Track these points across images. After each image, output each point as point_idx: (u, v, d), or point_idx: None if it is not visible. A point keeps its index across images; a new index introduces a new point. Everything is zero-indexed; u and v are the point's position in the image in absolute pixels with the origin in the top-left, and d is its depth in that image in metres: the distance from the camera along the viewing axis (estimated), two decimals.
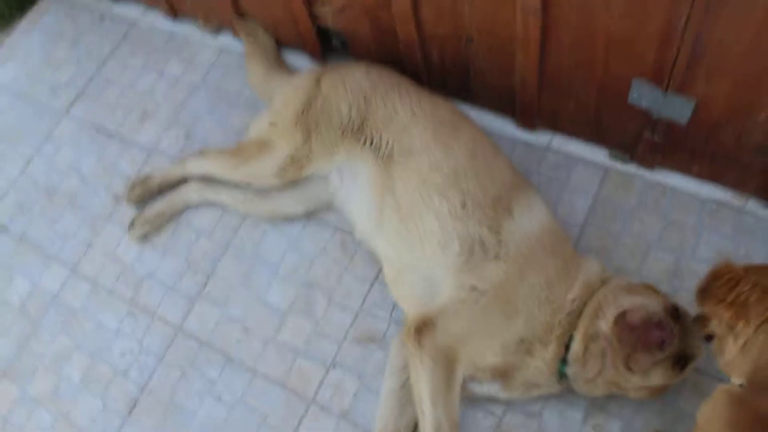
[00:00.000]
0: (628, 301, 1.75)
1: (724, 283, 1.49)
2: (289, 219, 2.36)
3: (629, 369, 1.70)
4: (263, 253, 2.35)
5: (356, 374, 2.09)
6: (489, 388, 1.91)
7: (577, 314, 1.81)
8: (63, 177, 2.68)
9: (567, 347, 1.80)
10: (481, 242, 1.87)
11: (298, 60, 2.71)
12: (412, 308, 1.97)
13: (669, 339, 1.65)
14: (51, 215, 2.61)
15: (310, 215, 2.36)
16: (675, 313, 1.71)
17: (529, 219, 1.92)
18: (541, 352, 1.80)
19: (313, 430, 2.05)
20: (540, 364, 1.81)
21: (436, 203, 1.94)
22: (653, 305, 1.72)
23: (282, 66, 2.63)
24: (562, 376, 1.82)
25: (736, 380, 1.46)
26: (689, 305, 1.79)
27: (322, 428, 2.04)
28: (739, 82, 1.72)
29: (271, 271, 2.31)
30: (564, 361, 1.80)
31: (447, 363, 1.78)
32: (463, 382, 1.84)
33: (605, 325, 1.74)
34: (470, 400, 1.94)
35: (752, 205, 2.11)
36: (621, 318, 1.70)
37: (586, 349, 1.76)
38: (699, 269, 2.01)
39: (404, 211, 1.99)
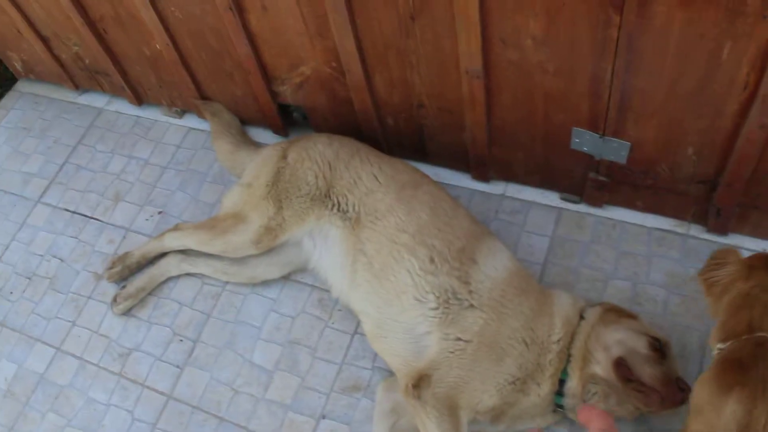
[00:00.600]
0: (612, 339, 1.91)
1: (709, 266, 1.81)
2: (267, 283, 2.50)
3: (643, 410, 1.88)
4: (245, 316, 2.47)
5: (346, 422, 2.20)
6: (482, 424, 2.04)
7: (565, 352, 1.97)
8: (41, 261, 2.77)
9: (561, 381, 1.95)
10: (453, 293, 2.02)
11: (262, 135, 2.89)
12: (396, 361, 2.10)
13: (688, 392, 1.78)
14: (32, 298, 2.68)
15: (287, 277, 2.50)
16: (657, 344, 1.88)
17: (494, 265, 2.09)
18: (535, 389, 1.95)
19: None
20: (535, 399, 1.96)
21: (406, 261, 2.09)
22: (636, 342, 1.89)
23: (248, 141, 2.81)
24: (558, 407, 1.97)
25: (714, 347, 1.67)
26: (651, 326, 2.01)
27: None
28: (664, 124, 1.96)
29: (254, 333, 2.43)
30: (559, 393, 1.95)
31: (450, 410, 1.89)
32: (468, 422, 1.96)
33: (602, 370, 1.89)
34: None
35: (694, 229, 2.34)
36: (619, 368, 1.85)
37: (584, 388, 1.91)
38: (654, 292, 2.24)
39: (377, 269, 2.14)
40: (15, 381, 2.51)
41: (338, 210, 2.27)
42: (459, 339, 1.97)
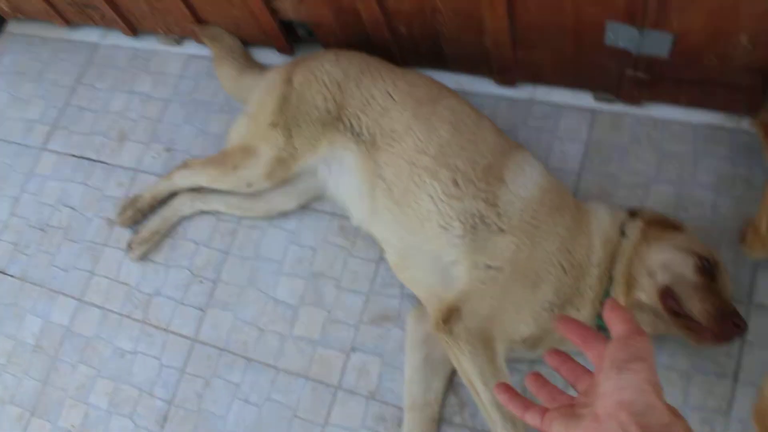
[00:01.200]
0: (657, 262, 1.75)
1: None
2: (285, 215, 2.36)
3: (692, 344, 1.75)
4: (265, 251, 2.35)
5: (377, 354, 2.11)
6: (518, 352, 1.92)
7: (606, 275, 1.82)
8: (53, 211, 2.67)
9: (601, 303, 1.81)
10: (481, 218, 1.87)
11: (268, 56, 2.70)
12: (423, 291, 1.98)
13: (743, 329, 1.65)
14: (48, 251, 2.59)
15: (304, 207, 2.36)
16: (706, 265, 1.72)
17: (524, 183, 1.92)
18: (574, 314, 1.81)
19: (344, 415, 2.06)
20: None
21: (428, 185, 1.93)
22: (684, 266, 1.73)
23: (253, 65, 2.62)
24: (600, 328, 1.83)
25: None
26: (699, 234, 1.84)
27: (352, 411, 2.06)
28: (715, 10, 1.72)
29: (275, 269, 2.31)
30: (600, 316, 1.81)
31: (484, 343, 1.77)
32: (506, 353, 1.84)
33: (647, 298, 1.75)
34: None
35: (745, 123, 2.12)
36: (666, 300, 1.72)
37: (629, 301, 1.78)
38: (701, 195, 2.05)
39: (397, 195, 1.99)
40: (42, 335, 2.45)
41: (352, 133, 2.10)
42: (489, 267, 1.82)
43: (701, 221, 2.02)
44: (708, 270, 1.72)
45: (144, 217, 2.48)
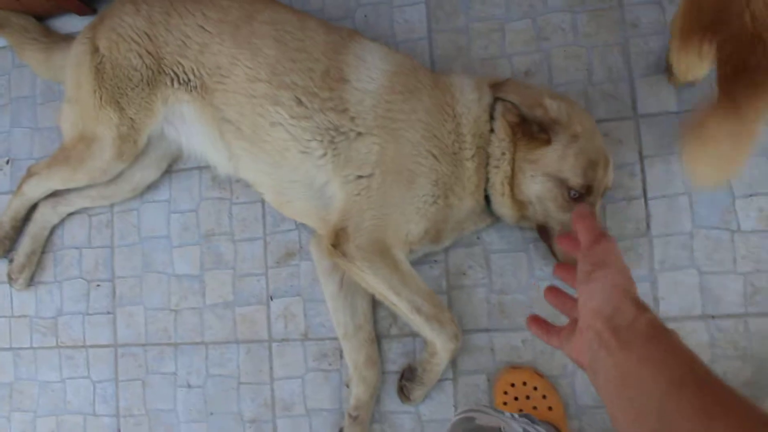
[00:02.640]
0: (532, 193, 1.69)
1: None
2: (153, 186, 2.18)
3: None
4: (148, 231, 2.18)
5: (295, 294, 2.01)
6: (424, 248, 1.84)
7: (482, 170, 1.73)
8: None
9: (486, 191, 1.75)
10: (336, 129, 1.71)
11: (70, 22, 2.38)
12: (311, 220, 1.87)
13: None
14: None
15: (169, 171, 2.17)
16: (577, 194, 1.66)
17: (368, 75, 1.74)
18: (457, 203, 1.72)
19: (286, 365, 1.99)
20: (465, 209, 1.75)
21: (273, 113, 1.76)
22: (555, 207, 1.68)
23: (57, 39, 2.31)
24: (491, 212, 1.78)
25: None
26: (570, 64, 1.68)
27: (293, 358, 1.99)
28: None
29: (165, 244, 2.16)
30: (487, 199, 1.75)
31: (381, 254, 1.67)
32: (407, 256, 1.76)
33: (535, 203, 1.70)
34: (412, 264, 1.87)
35: None
36: (542, 234, 1.73)
37: (514, 204, 1.73)
38: (558, 20, 1.93)
39: (248, 134, 1.82)
40: None
41: (179, 83, 1.89)
42: (360, 177, 1.69)
43: (567, 47, 1.89)
44: (579, 197, 1.64)
45: (12, 242, 2.27)
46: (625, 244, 1.78)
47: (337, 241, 1.69)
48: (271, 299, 2.02)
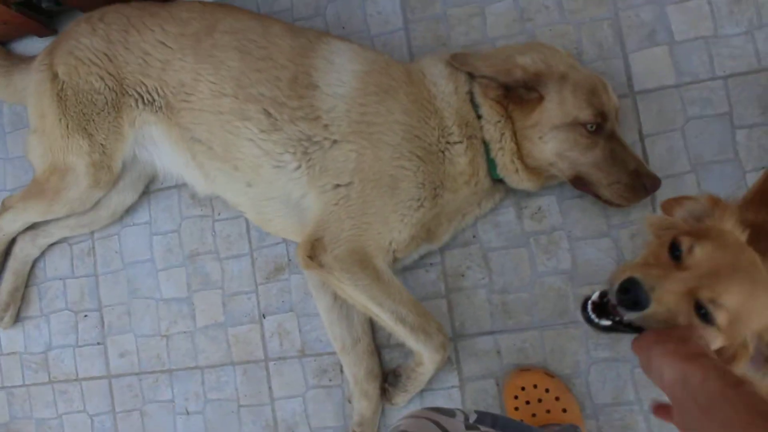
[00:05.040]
0: (550, 154, 1.59)
1: None
2: (132, 209, 2.08)
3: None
4: (131, 256, 2.09)
5: (287, 310, 1.91)
6: (420, 251, 1.74)
7: (478, 148, 1.62)
8: None
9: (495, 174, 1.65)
10: (308, 139, 1.61)
11: (31, 45, 2.27)
12: (294, 236, 1.77)
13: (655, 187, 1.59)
14: None
15: (147, 192, 2.07)
16: (594, 126, 1.57)
17: (338, 78, 1.63)
18: (450, 198, 1.63)
19: (285, 384, 1.91)
20: (457, 204, 1.65)
21: (242, 128, 1.66)
22: (579, 151, 1.59)
23: (18, 61, 2.19)
24: (497, 181, 1.68)
25: None
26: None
27: (291, 377, 1.90)
28: None
29: (149, 268, 2.06)
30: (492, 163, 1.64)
31: (361, 265, 1.57)
32: (390, 265, 1.65)
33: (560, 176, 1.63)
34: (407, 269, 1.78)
35: None
36: (581, 186, 1.63)
37: (532, 174, 1.64)
38: (542, 1, 1.77)
39: (220, 152, 1.72)
40: None
41: (144, 103, 1.79)
42: (338, 186, 1.59)
43: (553, 26, 1.77)
44: (597, 127, 1.54)
45: None
46: (630, 229, 1.67)
47: (314, 252, 1.59)
48: (264, 317, 1.93)
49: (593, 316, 1.07)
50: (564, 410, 1.65)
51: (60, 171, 1.88)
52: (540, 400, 1.66)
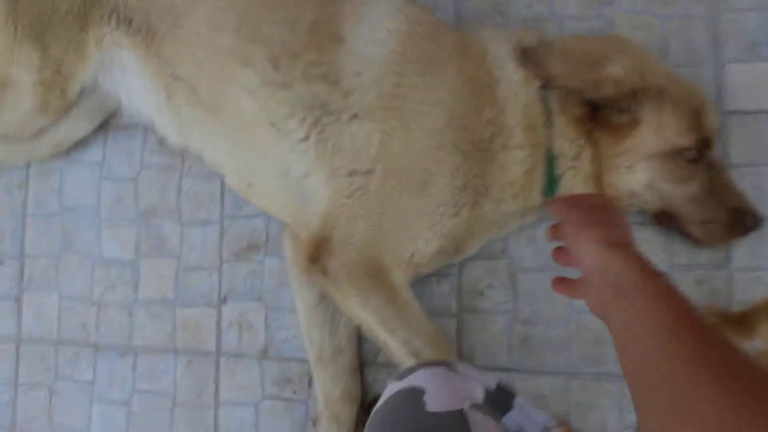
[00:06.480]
0: (638, 185, 1.27)
1: None
2: (83, 143, 1.69)
3: None
4: (71, 199, 1.71)
5: (254, 298, 1.57)
6: (438, 264, 1.40)
7: (541, 158, 1.28)
8: None
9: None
10: (323, 106, 1.26)
11: None
12: (286, 217, 1.42)
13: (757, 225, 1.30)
14: None
15: (105, 127, 1.69)
16: (694, 155, 1.25)
17: (371, 35, 1.28)
18: (493, 210, 1.29)
19: (237, 387, 1.56)
20: (499, 216, 1.31)
21: (240, 75, 1.30)
22: (673, 185, 1.28)
23: None
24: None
25: None
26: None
27: (246, 380, 1.55)
28: None
29: (92, 219, 1.69)
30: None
31: (374, 277, 1.23)
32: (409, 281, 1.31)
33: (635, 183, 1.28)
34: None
35: None
36: (666, 223, 1.34)
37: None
38: None
39: (206, 99, 1.36)
40: None
41: (118, 21, 1.42)
42: (353, 172, 1.25)
43: (636, 14, 1.47)
44: (698, 156, 1.23)
45: None
46: (697, 274, 1.38)
47: (318, 255, 1.24)
48: (224, 302, 1.58)
49: None
50: None
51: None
52: None
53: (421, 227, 1.23)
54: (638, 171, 1.24)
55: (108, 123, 1.69)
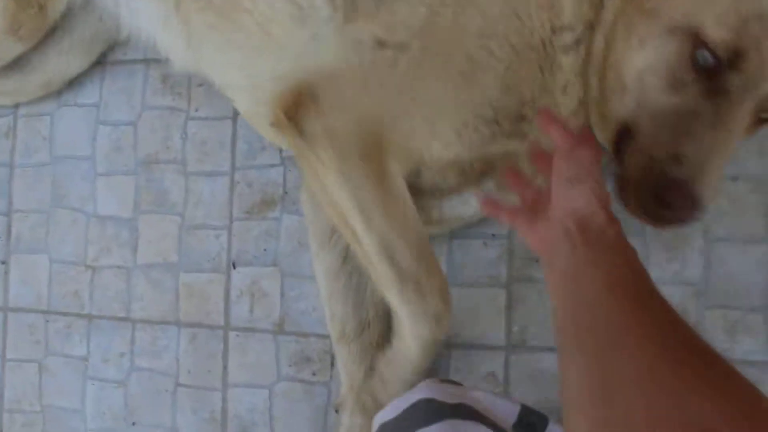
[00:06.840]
0: (632, 72, 0.93)
1: None
2: (77, 82, 1.48)
3: None
4: (63, 147, 1.50)
5: (269, 263, 1.33)
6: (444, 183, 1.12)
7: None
8: None
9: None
10: None
11: None
12: None
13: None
14: None
15: (102, 63, 1.47)
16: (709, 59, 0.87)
17: None
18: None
19: (249, 367, 1.35)
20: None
21: None
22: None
23: None
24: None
25: None
26: None
27: (258, 358, 1.34)
28: None
29: (86, 169, 1.47)
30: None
31: (363, 152, 0.98)
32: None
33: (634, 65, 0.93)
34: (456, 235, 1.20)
35: None
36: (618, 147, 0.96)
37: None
38: None
39: (217, 1, 1.12)
40: None
41: None
42: (383, 44, 0.99)
43: None
44: (713, 68, 0.86)
45: None
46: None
47: (296, 111, 0.99)
48: (234, 267, 1.35)
49: None
50: None
51: None
52: None
53: (447, 125, 0.98)
54: (648, 48, 0.88)
55: (105, 58, 1.46)
